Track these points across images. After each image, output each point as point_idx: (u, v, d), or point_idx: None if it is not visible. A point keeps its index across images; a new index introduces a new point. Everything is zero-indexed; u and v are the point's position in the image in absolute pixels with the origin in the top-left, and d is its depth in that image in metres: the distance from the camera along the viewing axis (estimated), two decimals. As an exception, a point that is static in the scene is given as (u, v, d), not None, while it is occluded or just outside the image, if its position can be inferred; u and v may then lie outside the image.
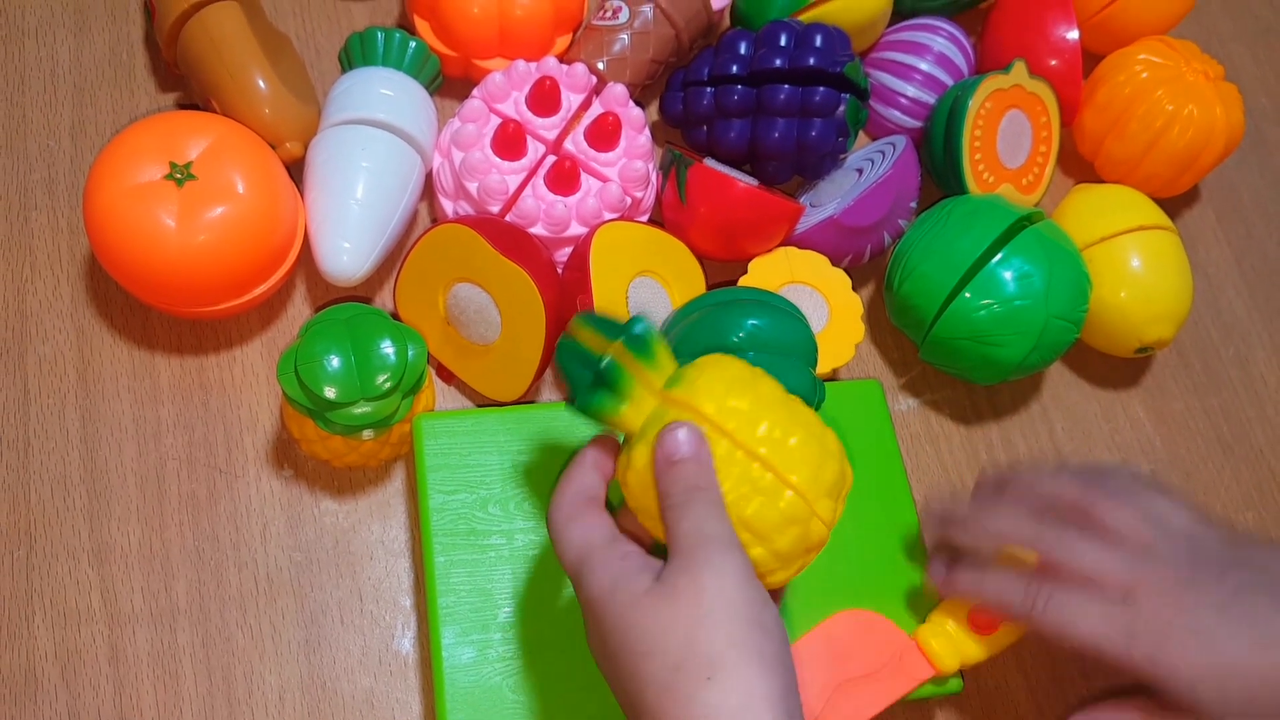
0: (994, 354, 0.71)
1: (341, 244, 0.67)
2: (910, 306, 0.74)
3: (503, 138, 0.70)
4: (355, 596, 0.66)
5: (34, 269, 0.70)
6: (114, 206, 0.63)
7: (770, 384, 0.52)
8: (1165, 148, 0.81)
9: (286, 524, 0.67)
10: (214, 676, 0.63)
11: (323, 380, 0.59)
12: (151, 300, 0.67)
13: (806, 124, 0.72)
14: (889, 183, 0.73)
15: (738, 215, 0.71)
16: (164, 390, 0.69)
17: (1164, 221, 0.78)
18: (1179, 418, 0.81)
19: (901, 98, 0.81)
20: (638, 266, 0.70)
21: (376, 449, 0.66)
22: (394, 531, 0.68)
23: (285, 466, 0.68)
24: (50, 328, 0.69)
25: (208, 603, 0.64)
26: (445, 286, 0.68)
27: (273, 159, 0.67)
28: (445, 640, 0.61)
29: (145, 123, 0.65)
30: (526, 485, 0.65)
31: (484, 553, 0.63)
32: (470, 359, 0.69)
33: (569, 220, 0.70)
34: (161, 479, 0.67)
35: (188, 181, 0.63)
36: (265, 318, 0.71)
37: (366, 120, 0.70)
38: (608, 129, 0.71)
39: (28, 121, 0.74)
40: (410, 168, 0.71)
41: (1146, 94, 0.81)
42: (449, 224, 0.67)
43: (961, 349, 0.72)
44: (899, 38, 0.83)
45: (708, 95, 0.74)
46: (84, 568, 0.64)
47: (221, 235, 0.63)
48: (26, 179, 0.73)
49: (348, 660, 0.64)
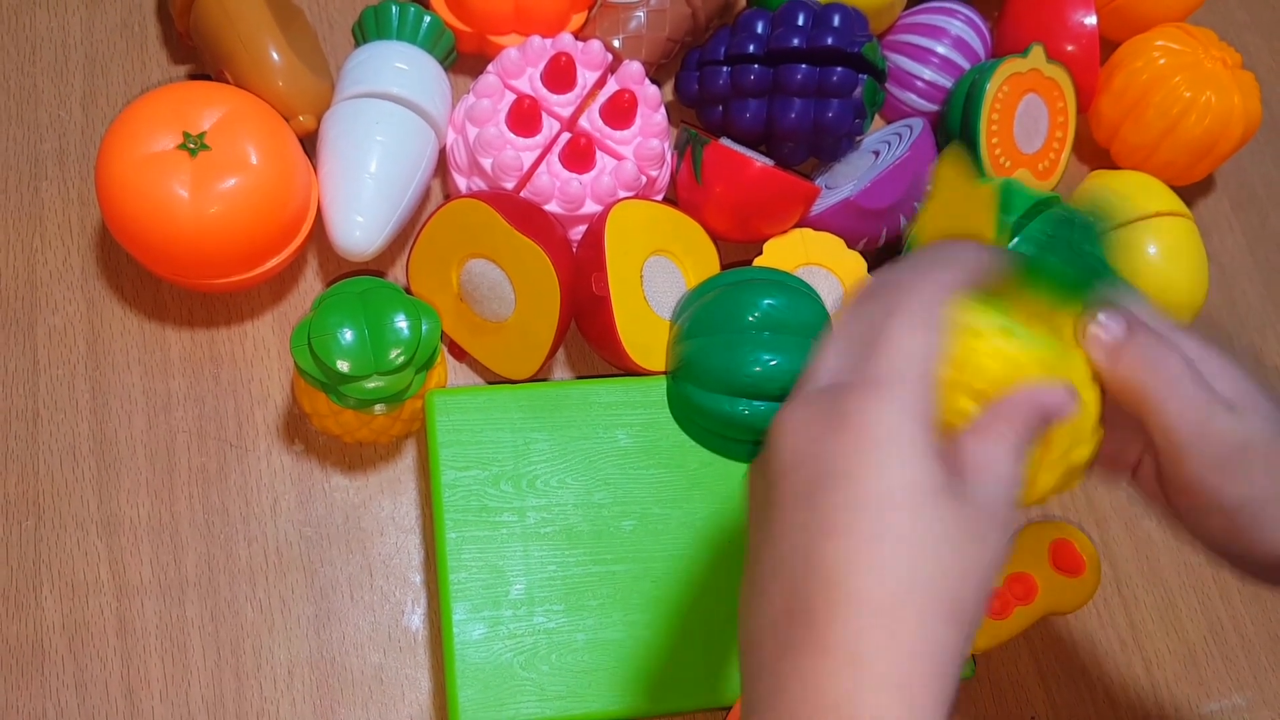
0: None
1: (354, 218, 0.67)
2: None
3: (518, 114, 0.69)
4: (365, 572, 0.65)
5: (44, 239, 0.70)
6: (126, 175, 0.62)
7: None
8: (1182, 135, 0.80)
9: (297, 499, 0.66)
10: (222, 650, 0.63)
11: (336, 353, 0.59)
12: (163, 271, 0.66)
13: (824, 104, 0.72)
14: (906, 165, 0.73)
15: (753, 195, 0.71)
16: (174, 363, 0.68)
17: (1182, 209, 0.78)
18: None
19: (918, 81, 0.80)
20: (652, 246, 0.69)
21: (388, 425, 0.65)
22: (405, 508, 0.67)
23: (296, 441, 0.68)
24: (60, 298, 0.69)
25: (217, 576, 0.64)
26: (459, 262, 0.68)
27: (286, 131, 0.67)
28: (456, 616, 0.60)
29: (159, 92, 0.65)
30: (538, 463, 0.65)
31: (496, 529, 0.63)
32: (483, 336, 0.69)
33: (584, 198, 0.69)
34: (171, 451, 0.66)
35: (201, 152, 0.63)
36: (277, 292, 0.71)
37: (381, 94, 0.69)
38: (623, 106, 0.70)
39: (39, 91, 0.74)
40: (424, 142, 0.70)
41: (1164, 80, 0.80)
42: (464, 199, 0.66)
43: None
44: (916, 20, 0.82)
45: (724, 74, 0.74)
46: (92, 539, 0.64)
47: (234, 206, 0.63)
48: (37, 149, 0.72)
49: (357, 636, 0.64)
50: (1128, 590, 0.74)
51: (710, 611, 0.64)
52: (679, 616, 0.63)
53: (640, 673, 0.61)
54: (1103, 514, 0.76)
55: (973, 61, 0.81)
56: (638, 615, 0.62)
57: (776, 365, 0.63)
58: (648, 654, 0.62)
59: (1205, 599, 0.75)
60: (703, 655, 0.63)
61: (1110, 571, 0.74)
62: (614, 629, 0.62)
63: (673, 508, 0.65)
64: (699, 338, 0.65)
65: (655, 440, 0.66)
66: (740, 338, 0.64)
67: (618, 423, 0.66)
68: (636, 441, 0.66)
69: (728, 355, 0.64)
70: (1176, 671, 0.72)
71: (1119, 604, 0.73)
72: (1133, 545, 0.75)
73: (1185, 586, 0.75)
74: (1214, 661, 0.73)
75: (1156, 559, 0.75)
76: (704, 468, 0.66)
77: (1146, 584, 0.74)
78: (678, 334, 0.67)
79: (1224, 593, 0.75)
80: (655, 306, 0.69)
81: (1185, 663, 0.73)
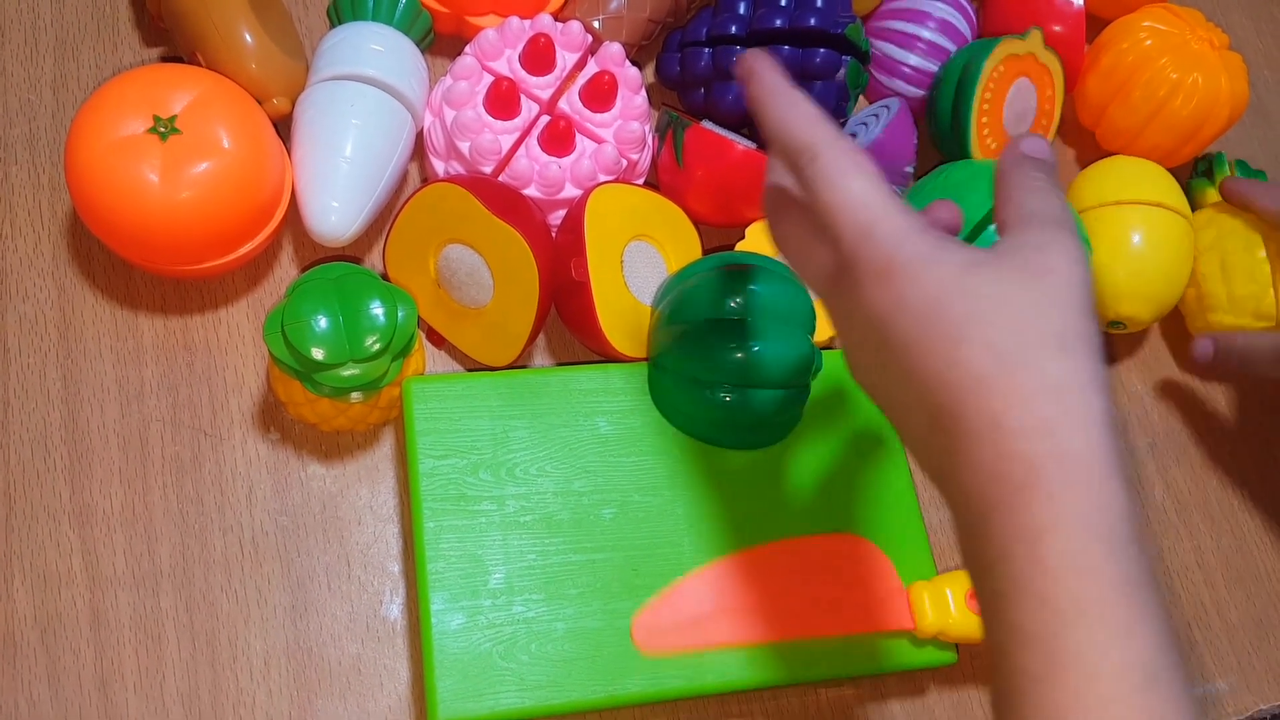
0: None
1: (330, 202, 0.66)
2: None
3: (496, 96, 0.68)
4: (343, 562, 0.65)
5: (14, 225, 0.69)
6: (96, 160, 0.61)
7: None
8: (1168, 117, 0.80)
9: (273, 488, 0.66)
10: (197, 641, 0.62)
11: (310, 341, 0.58)
12: (134, 258, 0.65)
13: (806, 86, 0.71)
14: (879, 147, 0.72)
15: (736, 178, 0.70)
16: (147, 350, 0.67)
17: (1183, 208, 0.77)
18: (1177, 392, 0.81)
19: (904, 67, 0.79)
20: (633, 230, 0.68)
21: (365, 413, 0.65)
22: (382, 496, 0.66)
23: (271, 430, 0.67)
24: (31, 285, 0.68)
25: (191, 567, 0.63)
26: (436, 248, 0.67)
27: (259, 114, 0.66)
28: (435, 606, 0.60)
29: (129, 75, 0.64)
30: (518, 451, 0.64)
31: (474, 518, 0.62)
32: (461, 323, 0.68)
33: (563, 182, 0.68)
34: (145, 440, 0.65)
35: (171, 135, 0.62)
36: (251, 278, 0.70)
37: (356, 76, 0.68)
38: (603, 89, 0.69)
39: (7, 75, 0.72)
40: (401, 125, 0.69)
41: (1151, 61, 0.80)
42: (440, 183, 0.65)
43: None
44: (900, 5, 0.81)
45: (705, 56, 0.73)
46: (65, 530, 0.63)
47: (206, 191, 0.62)
48: (6, 134, 0.71)
49: (334, 626, 0.63)
50: (1112, 576, 0.74)
51: (691, 600, 0.63)
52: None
53: (621, 662, 0.61)
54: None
55: (959, 44, 0.80)
56: (618, 604, 0.62)
57: (759, 352, 0.62)
58: (628, 643, 0.61)
59: (1189, 584, 0.75)
60: (684, 644, 0.62)
61: (1095, 557, 0.74)
62: (594, 618, 0.61)
63: (653, 495, 0.64)
64: (680, 323, 0.64)
65: (636, 428, 0.66)
66: (722, 324, 0.63)
67: (598, 410, 0.66)
68: (617, 429, 0.65)
69: (710, 342, 0.63)
70: (1161, 657, 0.72)
71: (1103, 590, 0.73)
72: (1117, 531, 0.75)
73: (1169, 570, 0.75)
74: (1197, 647, 0.73)
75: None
76: (685, 455, 0.66)
77: (1131, 570, 0.74)
78: (659, 320, 0.66)
79: (1208, 578, 0.75)
80: (636, 292, 0.68)
81: (1170, 648, 0.72)
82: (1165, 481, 0.77)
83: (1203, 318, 0.78)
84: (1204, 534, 0.76)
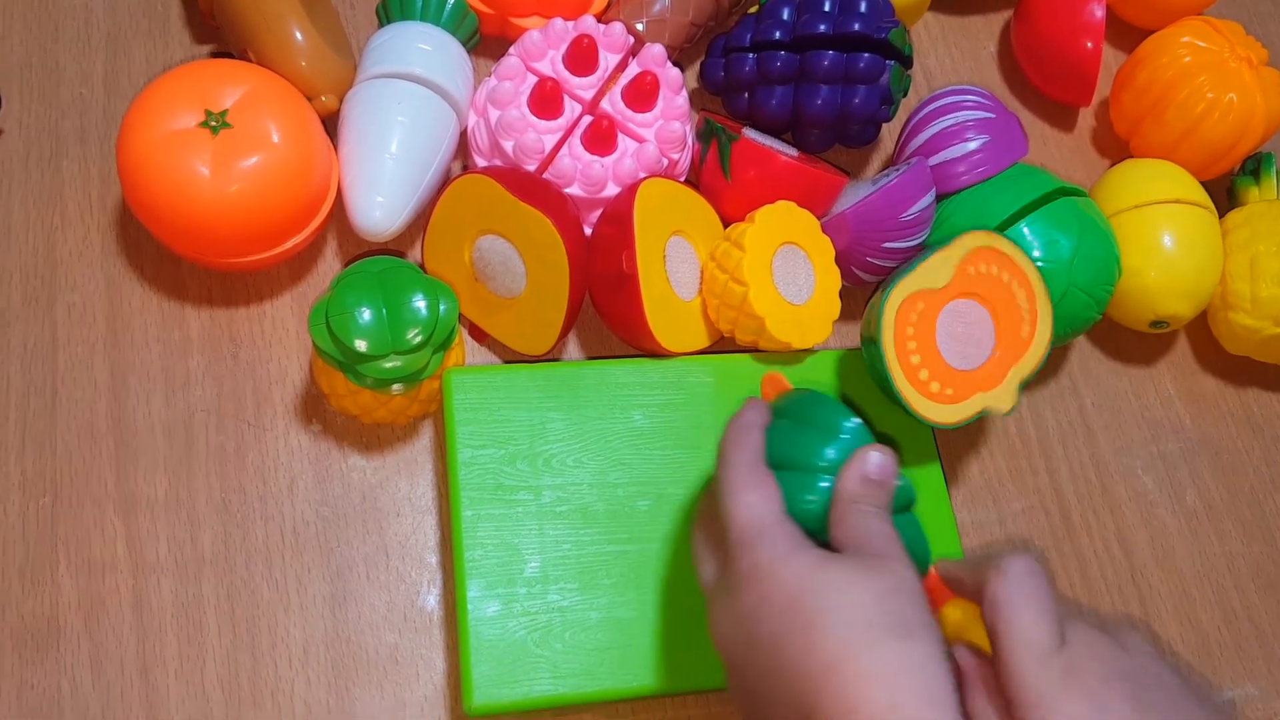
0: None
1: (375, 198, 0.67)
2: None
3: (539, 96, 0.69)
4: (381, 552, 0.66)
5: (64, 217, 0.70)
6: (148, 152, 0.62)
7: None
8: (1203, 135, 0.80)
9: (314, 479, 0.67)
10: (238, 628, 0.63)
11: (354, 333, 0.59)
12: (183, 250, 0.66)
13: (850, 90, 0.72)
14: (886, 194, 0.70)
15: (777, 187, 0.70)
16: (193, 342, 0.68)
17: (1203, 200, 0.77)
18: (1210, 396, 0.81)
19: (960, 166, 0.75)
20: (675, 225, 0.69)
21: (405, 405, 0.66)
22: (421, 488, 0.67)
23: (314, 421, 0.68)
24: (80, 276, 0.69)
25: (233, 555, 0.64)
26: (470, 240, 0.68)
27: (308, 110, 0.67)
28: (471, 593, 0.60)
29: (182, 69, 0.65)
30: (554, 443, 0.65)
31: (511, 508, 0.63)
32: (498, 314, 0.69)
33: (605, 180, 0.69)
34: (189, 430, 0.66)
35: (223, 130, 0.63)
36: (296, 272, 0.71)
37: (403, 74, 0.69)
38: (645, 89, 0.70)
39: (60, 69, 0.74)
40: (446, 124, 0.70)
41: (1189, 79, 0.80)
42: (469, 175, 0.66)
43: None
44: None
45: (750, 61, 0.73)
46: (109, 517, 0.64)
47: (255, 185, 0.63)
48: (58, 126, 0.72)
49: (373, 616, 0.64)
50: (1142, 579, 0.74)
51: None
52: (693, 596, 0.62)
53: (653, 652, 0.61)
54: (1117, 502, 0.76)
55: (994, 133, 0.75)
56: (652, 594, 0.62)
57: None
58: (661, 633, 0.62)
59: (1219, 588, 0.75)
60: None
61: (1125, 560, 0.74)
62: (628, 608, 0.62)
63: (688, 488, 0.65)
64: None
65: (671, 421, 0.66)
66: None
67: (634, 403, 0.66)
68: (652, 422, 0.66)
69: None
70: (1190, 660, 0.72)
71: (1133, 592, 0.73)
72: (1148, 534, 0.75)
73: (1200, 575, 0.75)
74: (1227, 650, 0.73)
75: (1171, 548, 0.75)
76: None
77: (1161, 572, 0.74)
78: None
79: (1238, 582, 0.75)
80: (676, 287, 0.69)
81: (1199, 652, 0.73)
82: (1197, 486, 0.78)
83: (1224, 314, 0.78)
84: (1234, 538, 0.76)
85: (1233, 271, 0.77)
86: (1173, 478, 0.78)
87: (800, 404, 0.57)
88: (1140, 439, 0.78)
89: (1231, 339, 0.79)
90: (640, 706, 0.64)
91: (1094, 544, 0.74)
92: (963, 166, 0.73)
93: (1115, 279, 0.72)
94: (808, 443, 0.54)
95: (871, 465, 0.51)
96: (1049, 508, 0.75)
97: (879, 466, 0.51)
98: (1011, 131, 0.74)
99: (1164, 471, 0.78)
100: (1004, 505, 0.74)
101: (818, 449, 0.54)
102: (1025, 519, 0.74)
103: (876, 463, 0.51)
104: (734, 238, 0.68)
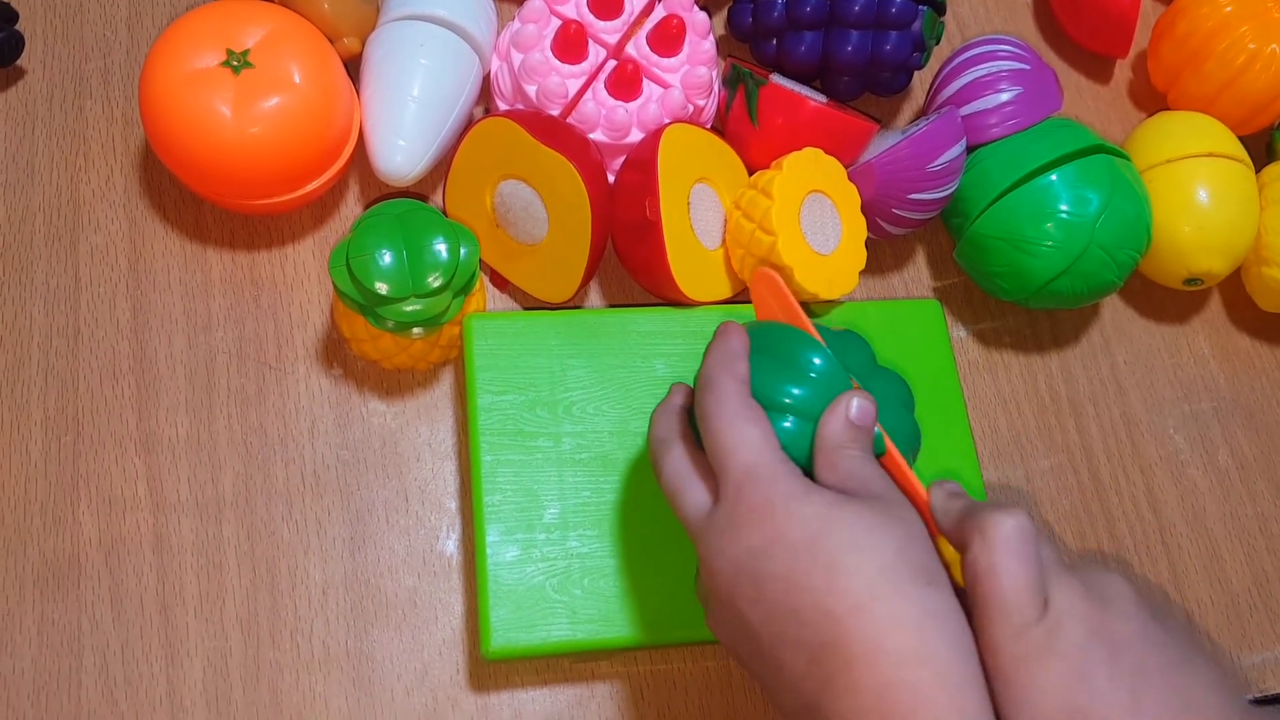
0: (1023, 262, 0.69)
1: (396, 141, 0.66)
2: (962, 198, 0.72)
3: (563, 40, 0.68)
4: (401, 497, 0.65)
5: (87, 158, 0.70)
6: (169, 92, 0.62)
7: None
8: (1244, 86, 0.78)
9: (334, 422, 0.66)
10: (258, 569, 0.63)
11: (374, 275, 0.59)
12: (204, 191, 0.66)
13: (882, 36, 0.70)
14: (914, 143, 0.69)
15: (807, 133, 0.69)
16: (215, 284, 0.68)
17: (1240, 154, 0.76)
18: (1244, 355, 0.80)
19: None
20: (699, 172, 0.68)
21: (426, 350, 0.65)
22: (441, 434, 0.67)
23: (334, 366, 0.68)
24: (103, 217, 0.69)
25: (254, 496, 0.64)
26: (491, 185, 0.67)
27: (330, 52, 0.66)
28: (490, 538, 0.60)
29: (204, 9, 0.65)
30: (575, 390, 0.64)
31: (530, 454, 0.62)
32: (519, 260, 0.68)
33: (630, 126, 0.68)
34: (211, 371, 0.66)
35: (244, 69, 0.63)
36: (318, 216, 0.71)
37: (426, 16, 0.68)
38: (671, 33, 0.69)
39: (84, 11, 0.74)
40: (469, 68, 0.69)
41: (1229, 29, 0.78)
42: (490, 119, 0.66)
43: (994, 249, 0.70)
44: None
45: (779, 6, 0.72)
46: (130, 456, 0.64)
47: (277, 126, 0.63)
48: (82, 68, 0.72)
49: (392, 559, 0.64)
50: (1171, 538, 0.73)
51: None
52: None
53: (672, 600, 0.61)
54: (1148, 462, 0.75)
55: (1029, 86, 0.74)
56: (671, 544, 0.62)
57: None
58: (680, 582, 0.61)
59: (1251, 550, 0.74)
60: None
61: (1154, 519, 0.73)
62: (647, 556, 0.61)
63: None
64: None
65: (693, 370, 0.65)
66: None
67: (655, 352, 0.66)
68: (674, 371, 0.65)
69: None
70: (1219, 622, 0.71)
71: (1162, 552, 0.72)
72: (1178, 493, 0.74)
73: (1230, 536, 0.74)
74: (1257, 613, 0.72)
75: (1202, 508, 0.74)
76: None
77: (1191, 533, 0.73)
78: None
79: (1270, 544, 0.74)
80: (700, 235, 0.68)
81: (1228, 613, 0.72)
82: (1230, 445, 0.76)
83: (1258, 270, 0.76)
84: (1267, 499, 0.75)
85: (1269, 226, 0.75)
86: (1205, 437, 0.76)
87: (768, 334, 0.55)
88: (1172, 398, 0.77)
89: (1266, 296, 0.77)
90: (658, 655, 0.64)
91: (1123, 503, 0.73)
92: (994, 118, 0.72)
93: (1144, 246, 0.71)
94: (774, 378, 0.52)
95: (855, 410, 0.51)
96: (1078, 466, 0.74)
97: (861, 411, 0.51)
98: (1046, 84, 0.73)
99: (1196, 431, 0.76)
100: (1031, 462, 0.73)
101: (783, 386, 0.52)
102: (1053, 476, 0.73)
103: (859, 408, 0.51)
104: (761, 185, 0.67)
